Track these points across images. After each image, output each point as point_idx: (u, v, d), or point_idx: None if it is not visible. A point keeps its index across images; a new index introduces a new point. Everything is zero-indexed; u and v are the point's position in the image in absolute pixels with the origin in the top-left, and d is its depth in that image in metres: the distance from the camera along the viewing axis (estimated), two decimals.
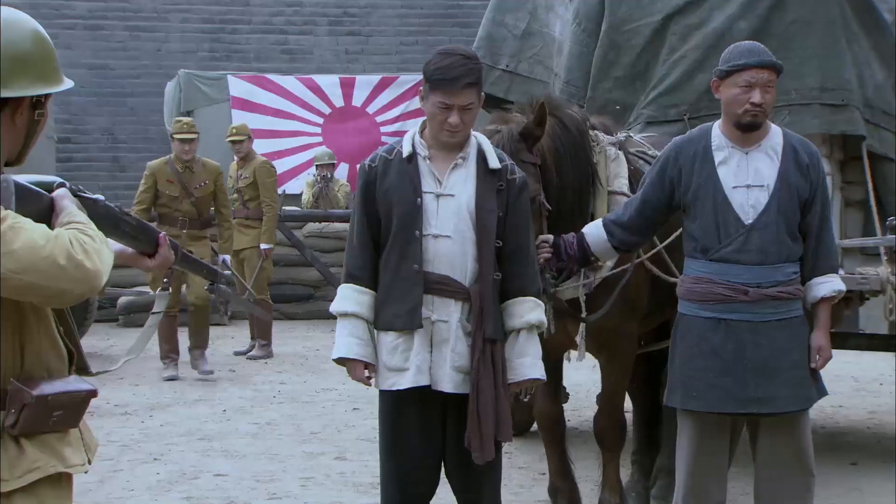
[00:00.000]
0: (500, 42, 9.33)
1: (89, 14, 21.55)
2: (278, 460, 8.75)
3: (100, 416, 10.31)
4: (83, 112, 21.21)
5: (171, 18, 21.86)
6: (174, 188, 12.31)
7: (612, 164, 6.68)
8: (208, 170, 12.55)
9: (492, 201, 5.19)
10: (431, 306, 5.19)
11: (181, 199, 12.33)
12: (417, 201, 5.19)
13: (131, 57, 21.63)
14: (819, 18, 8.36)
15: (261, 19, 22.16)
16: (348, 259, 5.38)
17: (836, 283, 5.88)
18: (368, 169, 5.33)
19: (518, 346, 5.25)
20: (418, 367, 5.18)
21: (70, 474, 3.55)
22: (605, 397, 6.90)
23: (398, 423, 5.31)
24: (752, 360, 5.72)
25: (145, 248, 3.97)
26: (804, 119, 8.23)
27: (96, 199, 3.65)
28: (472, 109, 5.15)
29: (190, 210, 12.35)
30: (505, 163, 5.27)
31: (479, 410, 5.12)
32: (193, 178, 12.43)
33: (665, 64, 8.54)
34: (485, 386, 5.14)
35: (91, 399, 3.54)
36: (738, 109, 5.69)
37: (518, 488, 8.05)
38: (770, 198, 5.73)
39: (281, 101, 18.93)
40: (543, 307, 5.31)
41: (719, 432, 5.93)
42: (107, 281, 3.61)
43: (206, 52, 21.83)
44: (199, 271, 4.75)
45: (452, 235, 5.18)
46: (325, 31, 22.30)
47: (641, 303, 6.78)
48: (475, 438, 5.13)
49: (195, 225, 12.37)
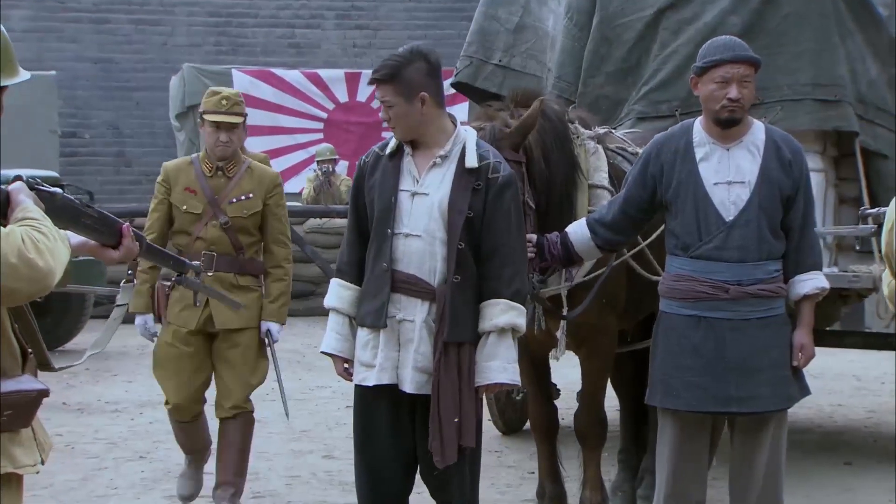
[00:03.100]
0: (493, 36, 9.24)
1: (94, 7, 21.52)
2: (265, 458, 8.68)
3: (90, 413, 10.30)
4: (88, 106, 21.19)
5: (177, 12, 21.82)
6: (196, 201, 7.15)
7: (592, 158, 6.63)
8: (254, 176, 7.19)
9: (464, 201, 5.13)
10: (399, 305, 5.18)
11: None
12: (392, 199, 5.19)
13: (137, 51, 21.61)
14: (812, 13, 8.27)
15: (267, 13, 22.11)
16: (340, 253, 5.48)
17: (818, 280, 5.80)
18: (361, 164, 5.38)
19: (486, 349, 5.18)
20: (381, 365, 5.20)
21: (20, 475, 3.51)
22: (585, 394, 6.85)
23: (368, 419, 5.33)
24: (732, 358, 5.67)
25: (108, 241, 3.94)
26: (797, 115, 8.15)
27: (54, 192, 3.61)
28: (391, 106, 5.17)
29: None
30: (487, 161, 5.19)
31: (441, 413, 5.08)
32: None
33: (657, 59, 8.46)
34: (446, 388, 5.09)
35: (43, 398, 3.50)
36: (716, 105, 5.63)
37: (505, 487, 8.00)
38: (751, 194, 5.67)
39: (284, 97, 18.91)
40: (518, 310, 5.20)
41: (699, 431, 5.87)
42: (61, 279, 3.56)
43: (212, 45, 21.80)
44: (166, 262, 4.75)
45: (423, 235, 5.16)
46: (333, 25, 22.26)
47: (620, 298, 6.72)
48: (435, 441, 5.10)
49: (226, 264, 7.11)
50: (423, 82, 5.16)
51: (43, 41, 20.97)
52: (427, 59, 5.19)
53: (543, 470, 7.01)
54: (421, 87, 5.14)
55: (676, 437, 5.83)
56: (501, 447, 9.06)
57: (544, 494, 7.01)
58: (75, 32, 21.08)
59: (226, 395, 7.02)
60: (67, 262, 3.40)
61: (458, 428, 5.09)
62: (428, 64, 5.19)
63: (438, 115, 5.23)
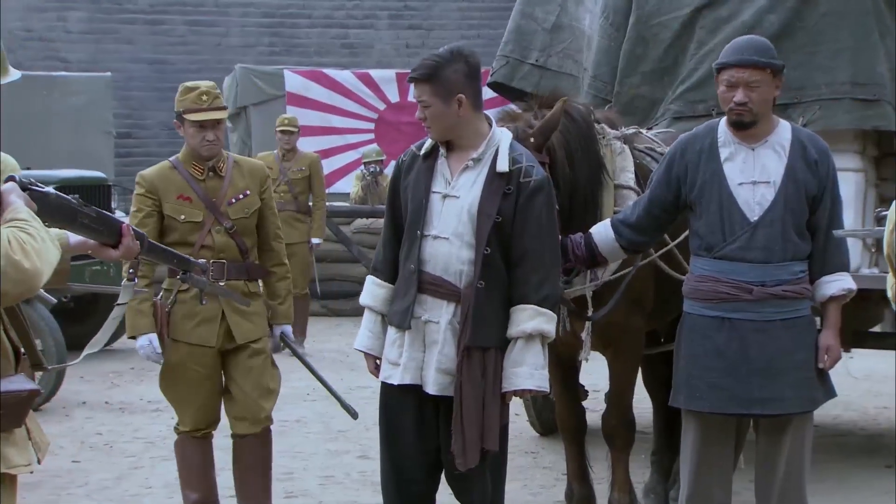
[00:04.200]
0: (530, 36, 9.19)
1: (150, 9, 21.66)
2: (301, 458, 8.70)
3: (131, 412, 10.35)
4: (142, 107, 21.32)
5: (231, 13, 21.93)
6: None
7: (618, 158, 6.57)
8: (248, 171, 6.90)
9: (493, 205, 5.11)
10: (425, 306, 5.19)
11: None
12: (423, 201, 5.20)
13: (191, 52, 21.72)
14: (851, 11, 8.14)
15: (321, 13, 22.18)
16: (376, 252, 5.52)
17: (845, 281, 5.75)
18: (399, 163, 5.41)
19: (513, 355, 5.16)
20: (405, 366, 5.23)
21: (13, 475, 3.52)
22: (613, 395, 6.79)
23: (392, 418, 5.34)
24: (756, 360, 5.62)
25: (107, 240, 3.95)
26: (835, 114, 8.04)
27: (46, 192, 3.61)
28: (428, 106, 5.18)
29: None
30: (520, 165, 5.17)
31: (463, 416, 5.08)
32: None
33: (693, 58, 8.38)
34: (468, 392, 5.09)
35: (34, 398, 3.51)
36: (726, 108, 5.64)
37: (539, 488, 7.97)
38: (776, 194, 5.62)
39: (335, 97, 18.90)
40: (547, 316, 5.16)
41: (723, 433, 5.84)
42: (57, 279, 3.56)
43: (265, 46, 21.89)
44: (170, 261, 4.73)
45: (451, 237, 5.16)
46: (386, 25, 22.29)
47: (648, 298, 6.66)
48: (457, 444, 5.10)
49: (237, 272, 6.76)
50: (462, 84, 5.13)
51: (99, 42, 21.13)
52: (466, 61, 5.17)
53: (572, 471, 6.98)
54: (459, 88, 5.13)
55: (700, 439, 5.80)
56: (538, 448, 9.02)
57: (573, 496, 6.98)
58: (131, 34, 21.23)
59: (250, 408, 6.56)
60: (57, 262, 3.41)
61: (481, 431, 5.08)
62: (467, 65, 5.17)
63: (475, 117, 5.21)
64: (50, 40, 20.95)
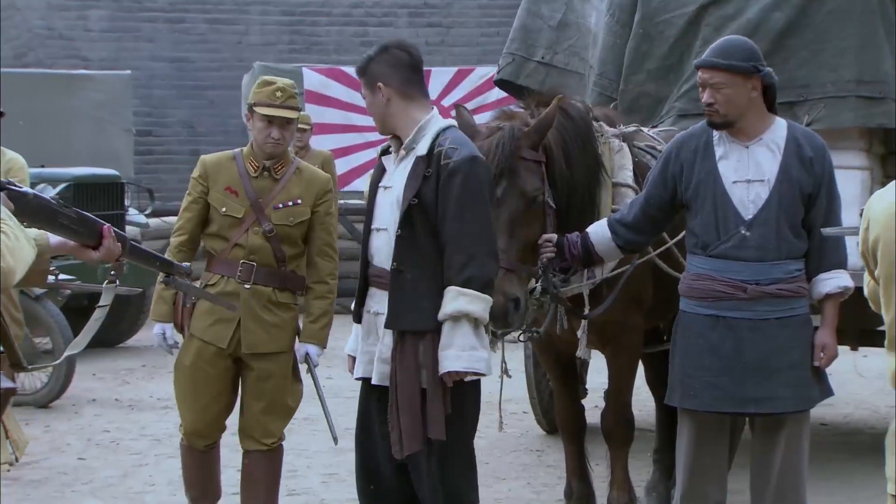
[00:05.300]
0: (536, 33, 9.17)
1: (170, 7, 21.66)
2: (306, 456, 8.71)
3: (140, 409, 10.37)
4: (163, 105, 21.32)
5: (251, 11, 21.92)
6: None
7: (617, 156, 6.56)
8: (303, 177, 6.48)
9: (411, 189, 5.12)
10: (374, 299, 5.27)
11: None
12: (373, 196, 5.31)
13: (211, 49, 21.72)
14: (857, 9, 8.10)
15: (340, 11, 22.14)
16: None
17: (841, 278, 5.74)
18: (376, 165, 5.48)
19: (442, 339, 5.11)
20: (359, 359, 5.34)
21: None
22: (611, 393, 6.78)
23: (362, 411, 5.40)
24: (751, 358, 5.63)
25: (87, 241, 3.95)
26: (840, 112, 8.00)
27: (25, 192, 3.62)
28: (365, 98, 5.31)
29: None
30: (441, 148, 5.15)
31: (399, 403, 5.08)
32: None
33: (698, 56, 8.33)
34: (402, 378, 5.09)
35: (11, 396, 3.51)
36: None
37: (542, 486, 7.97)
38: (770, 192, 5.61)
39: (354, 95, 18.86)
40: (470, 296, 5.05)
41: (718, 432, 5.84)
42: (35, 277, 3.56)
43: (285, 44, 21.87)
44: (152, 264, 4.72)
45: (387, 227, 5.21)
46: (405, 23, 22.23)
47: (646, 296, 6.64)
48: (394, 432, 5.10)
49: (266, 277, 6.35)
50: (386, 74, 5.22)
51: (120, 41, 21.16)
52: (393, 52, 5.26)
53: (571, 469, 6.97)
54: (381, 78, 5.21)
55: (695, 438, 5.81)
56: (543, 446, 9.02)
57: (572, 494, 6.97)
58: (151, 32, 21.24)
59: (256, 427, 6.36)
60: (32, 261, 3.42)
61: (421, 419, 5.06)
62: (393, 57, 5.25)
63: (407, 106, 5.24)
64: (71, 38, 20.99)
